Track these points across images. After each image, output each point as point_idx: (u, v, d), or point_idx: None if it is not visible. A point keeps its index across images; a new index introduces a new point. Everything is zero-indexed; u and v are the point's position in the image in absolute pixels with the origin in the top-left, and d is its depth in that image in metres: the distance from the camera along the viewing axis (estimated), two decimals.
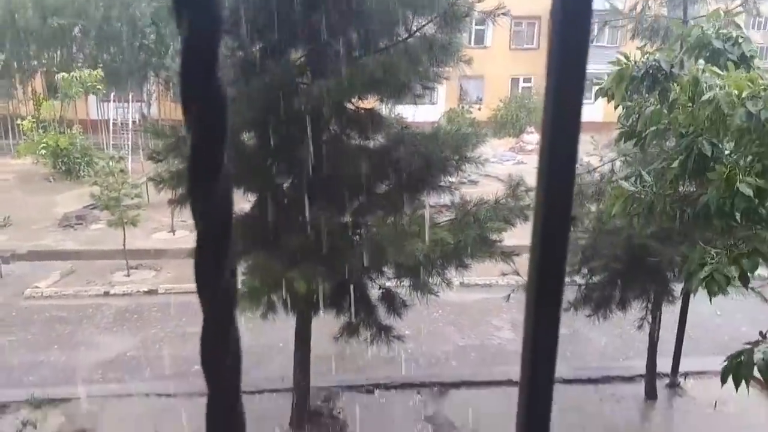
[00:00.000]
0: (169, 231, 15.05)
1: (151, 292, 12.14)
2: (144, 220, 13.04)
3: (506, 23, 7.27)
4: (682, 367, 9.18)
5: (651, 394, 8.89)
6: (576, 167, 0.65)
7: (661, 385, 9.08)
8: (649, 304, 8.44)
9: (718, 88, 4.78)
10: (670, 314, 8.70)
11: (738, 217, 4.82)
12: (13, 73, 25.57)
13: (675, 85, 5.41)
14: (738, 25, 6.29)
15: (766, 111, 4.56)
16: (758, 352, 4.33)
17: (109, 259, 13.48)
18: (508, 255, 6.97)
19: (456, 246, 6.36)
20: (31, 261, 13.66)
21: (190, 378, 8.72)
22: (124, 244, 12.57)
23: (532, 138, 26.74)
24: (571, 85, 0.62)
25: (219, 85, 0.51)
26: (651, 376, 8.88)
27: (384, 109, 6.94)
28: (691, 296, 8.19)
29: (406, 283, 7.07)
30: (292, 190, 6.87)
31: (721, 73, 5.06)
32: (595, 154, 8.20)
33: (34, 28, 24.37)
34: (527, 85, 31.64)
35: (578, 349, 9.77)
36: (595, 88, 6.20)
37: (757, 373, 4.35)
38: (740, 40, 5.99)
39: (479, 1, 6.61)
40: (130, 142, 21.85)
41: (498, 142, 25.37)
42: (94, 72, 22.41)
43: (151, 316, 11.15)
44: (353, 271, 6.47)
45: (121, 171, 12.63)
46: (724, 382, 4.47)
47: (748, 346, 4.44)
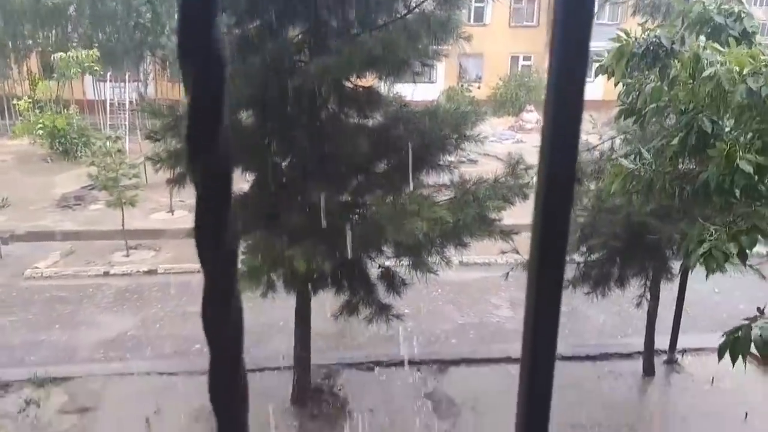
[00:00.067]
0: (167, 211, 15.04)
1: (150, 272, 12.17)
2: (142, 200, 13.01)
3: (506, 0, 7.20)
4: (680, 345, 9.27)
5: (649, 371, 8.97)
6: (579, 146, 0.65)
7: (659, 362, 9.16)
8: (648, 282, 8.48)
9: (719, 65, 4.75)
10: (668, 292, 8.74)
11: (738, 194, 4.82)
12: (7, 53, 25.34)
13: (676, 61, 5.36)
14: (740, 1, 6.22)
15: (767, 87, 4.53)
16: (755, 328, 4.35)
17: (108, 240, 13.48)
18: (507, 233, 6.99)
19: (455, 225, 6.36)
20: (30, 241, 13.67)
21: (191, 357, 8.79)
22: (123, 225, 12.57)
23: (531, 117, 26.60)
24: (575, 63, 0.61)
25: (217, 39, 0.50)
26: (649, 353, 8.95)
27: (383, 88, 6.89)
28: (690, 274, 8.23)
29: (405, 262, 7.08)
30: (291, 170, 6.85)
31: (723, 50, 5.02)
32: (594, 133, 8.17)
33: (28, 8, 24.11)
34: (527, 63, 31.34)
35: (577, 326, 9.83)
36: (595, 66, 6.14)
37: (754, 350, 4.38)
38: (742, 15, 5.92)
39: None
40: (127, 122, 21.73)
41: (497, 121, 25.25)
42: (91, 52, 22.20)
43: (151, 296, 11.20)
44: (353, 250, 6.48)
45: (119, 151, 12.57)
46: (721, 357, 4.50)
47: (746, 323, 4.47)
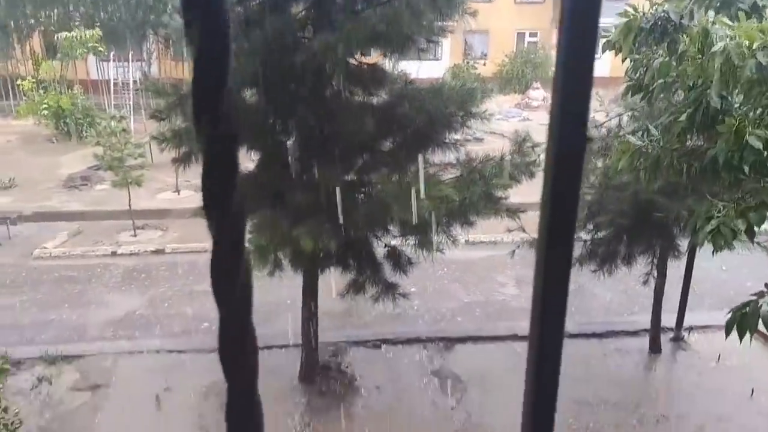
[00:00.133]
0: (173, 191, 15.07)
1: (158, 252, 12.25)
2: (148, 180, 13.04)
3: None
4: (687, 322, 9.28)
5: (655, 349, 9.00)
6: (588, 123, 0.64)
7: (666, 339, 9.18)
8: (655, 260, 8.46)
9: (728, 39, 4.67)
10: (675, 270, 8.73)
11: (746, 170, 4.78)
12: (10, 33, 25.23)
13: (684, 36, 5.28)
14: None
15: None
16: (763, 304, 4.34)
17: (115, 220, 13.55)
18: (513, 212, 6.97)
19: (461, 203, 6.35)
20: (38, 222, 13.74)
21: (200, 335, 8.87)
22: (130, 205, 12.61)
23: (538, 94, 26.38)
24: (584, 40, 0.60)
25: None
26: (655, 330, 8.97)
27: (387, 65, 6.83)
28: (697, 251, 8.21)
29: (411, 240, 7.09)
30: (296, 148, 6.83)
31: (732, 24, 4.94)
32: (601, 110, 8.10)
33: None
34: (533, 39, 30.98)
35: (583, 304, 9.85)
36: (602, 42, 6.07)
37: (761, 326, 4.37)
38: None
39: None
40: (131, 102, 21.67)
41: (503, 99, 25.04)
42: (94, 32, 22.07)
43: (159, 275, 11.27)
44: (359, 229, 6.48)
45: (124, 131, 12.55)
46: (728, 333, 4.49)
47: (754, 298, 4.46)
